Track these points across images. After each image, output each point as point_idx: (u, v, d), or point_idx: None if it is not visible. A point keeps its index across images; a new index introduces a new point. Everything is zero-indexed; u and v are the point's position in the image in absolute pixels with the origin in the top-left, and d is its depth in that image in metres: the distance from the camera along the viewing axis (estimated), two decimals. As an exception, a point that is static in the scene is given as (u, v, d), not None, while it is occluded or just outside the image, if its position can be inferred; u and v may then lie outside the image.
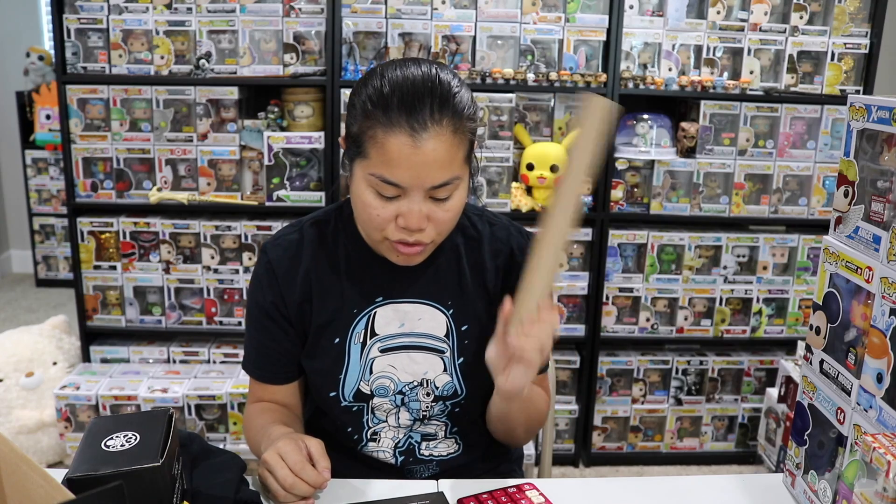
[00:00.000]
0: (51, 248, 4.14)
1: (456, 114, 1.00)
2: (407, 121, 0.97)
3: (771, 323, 2.54)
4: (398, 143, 0.97)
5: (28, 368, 2.43)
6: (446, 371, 1.15)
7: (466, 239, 1.18)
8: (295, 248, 1.16)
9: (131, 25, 2.30)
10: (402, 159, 0.98)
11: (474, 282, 1.17)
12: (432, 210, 1.02)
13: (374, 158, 1.00)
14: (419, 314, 1.15)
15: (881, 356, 0.89)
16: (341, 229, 1.17)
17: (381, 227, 1.04)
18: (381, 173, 0.99)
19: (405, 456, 1.19)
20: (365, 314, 1.14)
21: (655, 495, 1.08)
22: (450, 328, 1.15)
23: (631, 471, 2.62)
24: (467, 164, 1.06)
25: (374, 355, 1.14)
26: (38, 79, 3.91)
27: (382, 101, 0.99)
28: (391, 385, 1.15)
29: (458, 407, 1.17)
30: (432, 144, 0.98)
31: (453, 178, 1.02)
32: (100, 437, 0.85)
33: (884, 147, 0.93)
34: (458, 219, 1.09)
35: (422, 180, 0.99)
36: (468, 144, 1.04)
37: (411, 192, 1.00)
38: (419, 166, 0.98)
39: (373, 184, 1.01)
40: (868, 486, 0.82)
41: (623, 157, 2.41)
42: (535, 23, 2.32)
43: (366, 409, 1.16)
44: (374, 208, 1.02)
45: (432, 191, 1.01)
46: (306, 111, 2.37)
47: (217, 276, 2.44)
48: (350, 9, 2.27)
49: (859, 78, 2.43)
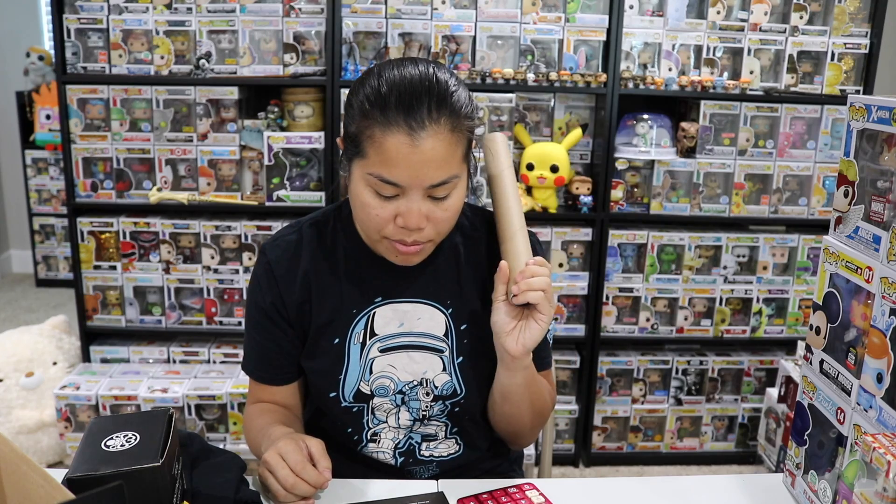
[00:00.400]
0: (51, 248, 4.14)
1: (454, 112, 1.01)
2: (405, 120, 0.97)
3: (771, 323, 2.54)
4: (396, 142, 0.98)
5: (28, 368, 2.43)
6: (445, 370, 1.15)
7: (465, 238, 1.18)
8: (294, 248, 1.16)
9: (131, 25, 2.30)
10: (401, 158, 0.98)
11: (473, 281, 1.17)
12: (431, 209, 1.03)
13: (372, 158, 1.00)
14: (418, 314, 1.15)
15: (881, 356, 0.89)
16: (340, 230, 1.17)
17: (380, 226, 1.04)
18: (380, 173, 0.99)
19: (405, 457, 1.19)
20: (364, 314, 1.14)
21: (655, 495, 1.08)
22: (449, 327, 1.15)
23: (631, 471, 2.62)
24: (465, 163, 1.07)
25: (374, 355, 1.14)
26: (38, 79, 3.91)
27: (380, 101, 0.99)
28: (391, 385, 1.15)
29: (458, 406, 1.16)
30: (430, 143, 0.98)
31: (451, 176, 1.02)
32: (100, 437, 0.85)
33: (884, 147, 0.93)
34: (457, 218, 1.09)
35: (420, 179, 0.99)
36: (466, 143, 1.05)
37: (410, 192, 1.01)
38: (417, 165, 0.98)
39: (371, 183, 1.01)
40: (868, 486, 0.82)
41: (623, 157, 2.41)
42: (535, 23, 2.32)
43: (366, 410, 1.16)
44: (372, 208, 1.02)
45: (431, 190, 1.01)
46: (306, 111, 2.37)
47: (217, 276, 2.44)
48: (350, 9, 2.27)
49: (859, 78, 2.43)
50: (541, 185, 2.38)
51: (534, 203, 2.42)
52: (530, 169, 2.37)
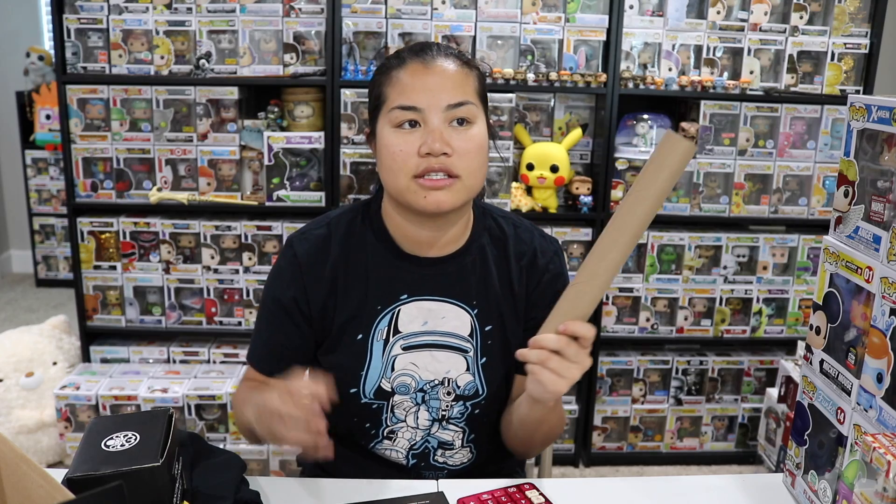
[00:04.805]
0: (51, 248, 4.14)
1: (461, 56, 1.11)
2: (418, 55, 1.09)
3: (771, 323, 2.54)
4: (411, 69, 1.07)
5: (28, 368, 2.43)
6: (469, 370, 1.15)
7: (493, 239, 1.19)
8: (322, 242, 1.16)
9: (131, 25, 2.30)
10: (417, 81, 1.06)
11: (500, 282, 1.17)
12: (452, 136, 1.05)
13: (392, 97, 1.07)
14: (443, 312, 1.14)
15: (881, 356, 0.89)
16: (368, 225, 1.17)
17: (406, 163, 1.05)
18: (400, 102, 1.06)
19: (417, 459, 1.19)
20: (389, 311, 1.14)
21: (655, 495, 1.08)
22: (474, 328, 1.15)
23: (631, 471, 2.62)
24: (482, 103, 1.11)
25: (397, 353, 1.14)
26: (38, 79, 3.91)
27: (395, 55, 1.12)
28: (412, 383, 1.14)
29: (478, 408, 1.16)
30: (443, 66, 1.08)
31: (466, 100, 1.07)
32: (100, 437, 0.85)
33: (884, 147, 0.93)
34: (484, 168, 1.10)
35: (437, 98, 1.05)
36: (477, 81, 1.11)
37: (429, 115, 1.05)
38: (433, 86, 1.06)
39: (393, 120, 1.06)
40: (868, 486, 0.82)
41: (623, 157, 2.41)
42: (535, 23, 2.32)
43: (385, 408, 1.15)
44: (397, 146, 1.06)
45: (449, 112, 1.05)
46: (306, 111, 2.37)
47: (217, 276, 2.44)
48: (350, 9, 2.27)
49: (859, 78, 2.43)
50: (541, 185, 2.38)
51: (534, 203, 2.42)
52: (530, 169, 2.37)
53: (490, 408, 1.17)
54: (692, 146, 0.90)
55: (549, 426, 1.15)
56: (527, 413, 1.09)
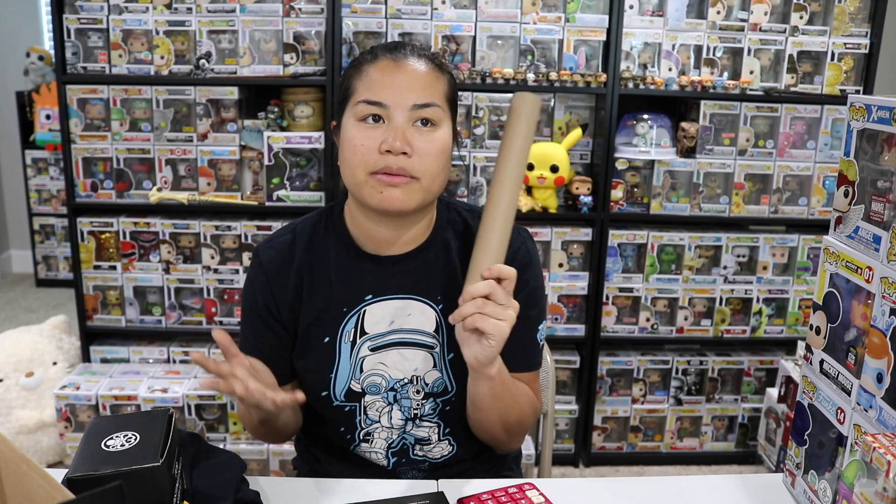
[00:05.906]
0: (51, 248, 4.14)
1: (433, 58, 1.11)
2: (390, 52, 1.09)
3: (771, 323, 2.54)
4: (381, 65, 1.07)
5: (28, 368, 2.43)
6: (436, 367, 1.15)
7: (457, 235, 1.19)
8: (287, 249, 1.17)
9: (131, 25, 2.30)
10: (385, 77, 1.06)
11: (464, 277, 1.16)
12: (415, 137, 1.05)
13: (359, 90, 1.07)
14: (409, 310, 1.14)
15: (881, 356, 0.89)
16: (332, 228, 1.17)
17: (365, 157, 1.05)
18: (366, 96, 1.05)
19: (398, 457, 1.19)
20: (355, 313, 1.14)
21: (655, 495, 1.08)
22: (439, 323, 1.15)
23: (631, 471, 2.62)
24: (449, 107, 1.10)
25: (364, 354, 1.14)
26: (38, 79, 3.91)
27: (370, 51, 1.11)
28: (382, 382, 1.15)
29: (449, 405, 1.16)
30: (413, 65, 1.07)
31: (434, 102, 1.06)
32: (100, 437, 0.85)
33: (884, 147, 0.93)
34: (444, 173, 1.09)
35: (404, 97, 1.05)
36: (447, 85, 1.10)
37: (394, 113, 1.05)
38: (400, 84, 1.05)
39: (358, 113, 1.06)
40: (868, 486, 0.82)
41: (623, 157, 2.41)
42: (535, 23, 2.32)
43: (358, 409, 1.16)
44: (358, 139, 1.05)
45: (414, 112, 1.05)
46: (306, 111, 2.37)
47: (217, 276, 2.44)
48: (350, 9, 2.27)
49: (859, 78, 2.43)
50: (541, 185, 2.38)
51: (534, 203, 2.42)
52: (530, 169, 2.37)
53: (461, 404, 1.16)
54: (537, 98, 1.08)
55: (504, 405, 1.10)
56: (474, 390, 1.09)
